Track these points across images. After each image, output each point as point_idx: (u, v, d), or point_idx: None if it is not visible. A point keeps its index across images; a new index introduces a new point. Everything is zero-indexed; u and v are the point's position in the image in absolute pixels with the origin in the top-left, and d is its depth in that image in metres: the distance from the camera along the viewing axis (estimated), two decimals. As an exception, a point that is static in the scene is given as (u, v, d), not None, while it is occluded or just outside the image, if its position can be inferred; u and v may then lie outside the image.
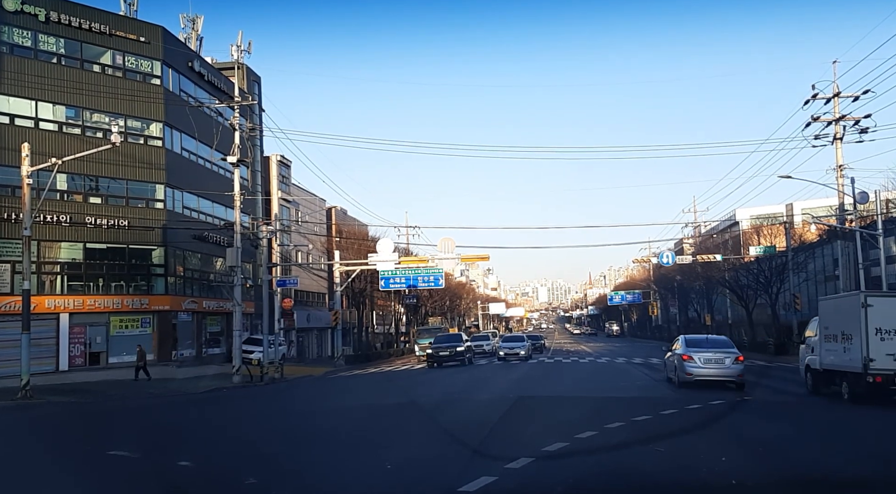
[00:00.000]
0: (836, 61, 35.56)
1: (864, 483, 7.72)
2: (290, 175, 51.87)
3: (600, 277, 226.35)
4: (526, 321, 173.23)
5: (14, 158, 25.59)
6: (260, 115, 42.16)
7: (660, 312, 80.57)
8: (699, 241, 66.48)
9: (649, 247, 72.24)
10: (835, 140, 31.51)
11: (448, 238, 42.33)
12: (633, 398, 17.20)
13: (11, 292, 29.44)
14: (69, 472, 9.17)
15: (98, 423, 15.81)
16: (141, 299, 34.39)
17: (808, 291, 45.72)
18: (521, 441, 10.05)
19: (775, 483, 7.66)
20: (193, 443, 10.86)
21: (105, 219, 32.92)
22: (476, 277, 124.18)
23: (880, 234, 30.58)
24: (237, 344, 28.38)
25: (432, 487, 7.62)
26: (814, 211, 47.01)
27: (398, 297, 59.24)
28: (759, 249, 40.81)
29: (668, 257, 45.07)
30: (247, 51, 37.11)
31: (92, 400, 21.36)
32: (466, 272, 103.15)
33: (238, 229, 29.33)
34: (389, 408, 15.94)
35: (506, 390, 19.44)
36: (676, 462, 8.56)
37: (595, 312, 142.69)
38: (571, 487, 7.40)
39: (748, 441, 10.44)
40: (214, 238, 38.25)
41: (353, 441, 11.10)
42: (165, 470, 8.88)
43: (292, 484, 7.93)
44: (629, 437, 10.47)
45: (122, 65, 34.43)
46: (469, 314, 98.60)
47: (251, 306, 39.66)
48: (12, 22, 30.95)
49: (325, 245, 53.61)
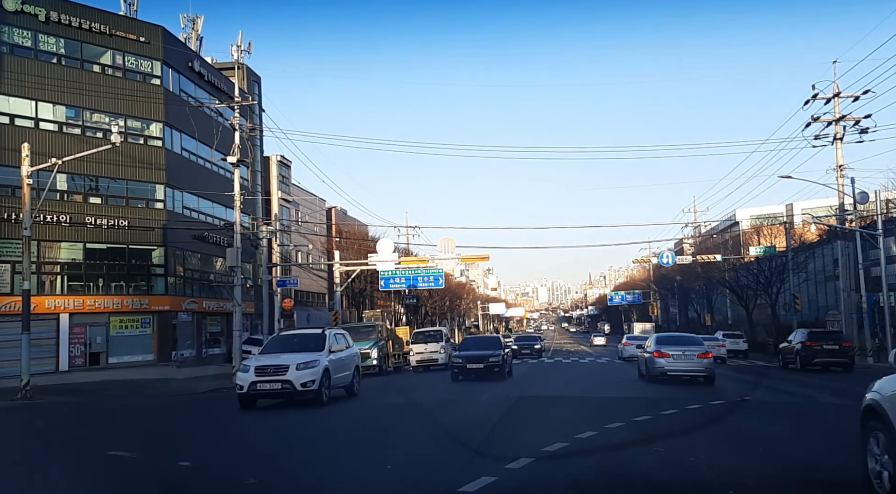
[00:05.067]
0: (836, 61, 35.60)
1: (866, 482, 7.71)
2: (290, 175, 51.91)
3: (600, 277, 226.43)
4: (526, 322, 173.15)
5: (14, 158, 25.60)
6: (260, 115, 42.18)
7: (660, 312, 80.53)
8: (699, 241, 66.51)
9: (649, 247, 72.23)
10: (835, 140, 31.53)
11: (448, 238, 42.52)
12: (633, 397, 17.19)
13: (11, 292, 29.47)
14: (69, 472, 9.16)
15: (98, 423, 15.80)
16: (141, 300, 34.41)
17: (808, 291, 45.74)
18: (522, 441, 10.04)
19: (775, 482, 7.66)
20: (193, 443, 10.86)
21: (105, 219, 32.93)
22: (476, 277, 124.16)
23: (880, 234, 30.59)
24: (237, 344, 28.37)
25: (432, 487, 7.62)
26: (814, 211, 47.05)
27: (398, 297, 59.24)
28: (759, 249, 40.82)
29: (668, 257, 45.09)
30: (247, 51, 37.15)
31: (92, 400, 21.33)
32: (466, 272, 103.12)
33: (238, 229, 29.33)
34: (389, 408, 15.93)
35: (506, 390, 19.45)
36: (676, 462, 8.56)
37: (595, 312, 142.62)
38: (571, 487, 7.39)
39: (748, 440, 10.43)
40: (214, 238, 38.26)
41: (353, 440, 11.10)
42: (165, 470, 8.87)
43: (292, 484, 7.92)
44: (629, 437, 10.46)
45: (122, 65, 34.45)
46: (469, 314, 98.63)
47: (251, 307, 39.68)
48: (12, 22, 30.98)
49: (325, 245, 53.64)
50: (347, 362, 17.96)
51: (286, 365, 15.69)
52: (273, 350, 17.01)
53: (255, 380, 15.56)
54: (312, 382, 15.65)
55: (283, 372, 15.60)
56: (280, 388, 15.64)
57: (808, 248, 44.71)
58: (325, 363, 16.18)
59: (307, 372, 15.68)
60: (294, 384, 15.50)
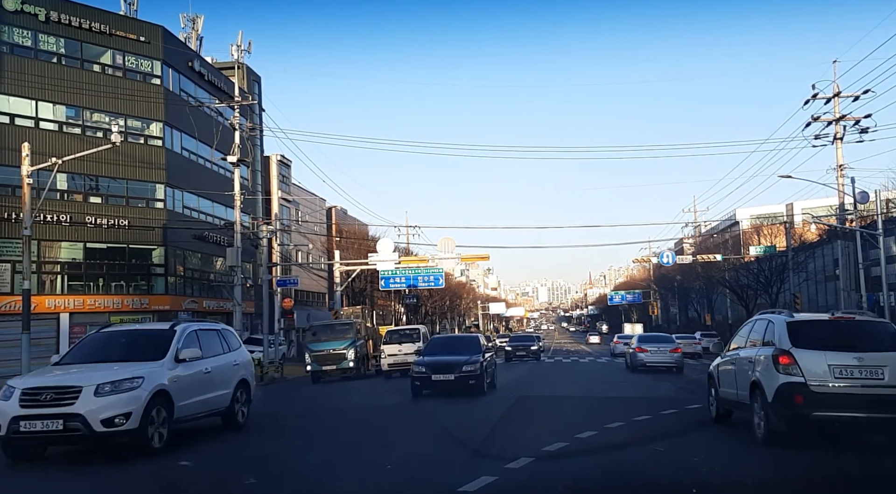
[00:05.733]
0: (836, 61, 35.73)
1: (866, 482, 7.71)
2: (290, 175, 51.90)
3: (600, 277, 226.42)
4: (526, 321, 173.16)
5: (14, 157, 25.60)
6: (260, 114, 42.17)
7: (660, 312, 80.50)
8: (699, 241, 66.49)
9: (649, 247, 72.20)
10: (835, 140, 31.49)
11: (448, 238, 42.44)
12: (633, 397, 17.20)
13: (11, 291, 29.46)
14: (68, 471, 9.17)
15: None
16: (141, 299, 34.41)
17: (808, 291, 45.73)
18: (522, 441, 10.04)
19: (775, 482, 7.66)
20: (193, 443, 10.85)
21: (105, 219, 32.93)
22: (476, 277, 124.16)
23: (880, 234, 30.57)
24: (237, 344, 28.31)
25: (432, 487, 7.62)
26: (814, 211, 47.03)
27: (398, 297, 59.25)
28: (760, 249, 40.80)
29: (668, 256, 45.06)
30: (247, 51, 37.11)
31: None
32: (466, 272, 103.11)
33: (238, 229, 29.33)
34: (389, 408, 15.93)
35: (506, 389, 19.45)
36: (676, 462, 8.56)
37: (595, 312, 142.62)
38: (572, 487, 7.40)
39: (748, 440, 10.43)
40: (214, 238, 38.26)
41: (353, 440, 11.10)
42: (165, 470, 8.87)
43: (292, 484, 7.93)
44: (629, 437, 10.47)
45: (122, 65, 34.44)
46: (469, 313, 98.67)
47: (251, 306, 39.67)
48: (12, 22, 30.96)
49: (325, 245, 53.62)
50: (219, 376, 11.64)
51: (76, 388, 9.20)
52: (77, 360, 10.56)
53: (20, 415, 9.04)
54: (125, 417, 9.19)
55: (68, 400, 9.08)
56: (62, 430, 9.00)
57: (809, 248, 44.70)
58: (157, 383, 9.82)
59: (115, 400, 9.20)
60: (88, 420, 8.98)
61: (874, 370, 8.90)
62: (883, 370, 8.87)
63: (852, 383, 8.89)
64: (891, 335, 9.57)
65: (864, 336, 9.58)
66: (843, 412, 8.81)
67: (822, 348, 9.18)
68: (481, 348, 18.45)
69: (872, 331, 9.81)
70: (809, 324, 10.11)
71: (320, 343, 27.68)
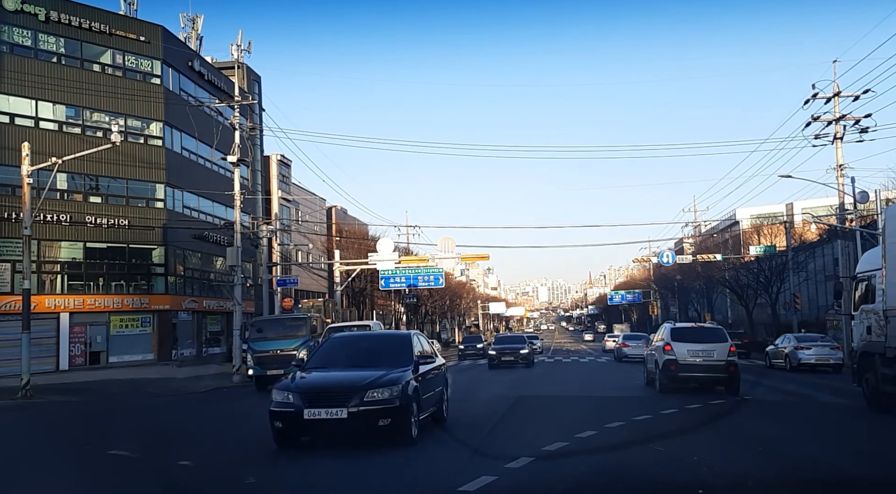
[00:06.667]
0: (836, 61, 35.82)
1: (866, 483, 7.71)
2: (290, 174, 51.89)
3: (600, 276, 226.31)
4: (526, 321, 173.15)
5: (14, 157, 25.59)
6: (260, 114, 42.16)
7: (660, 311, 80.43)
8: (699, 240, 66.43)
9: (649, 247, 72.12)
10: (835, 140, 31.48)
11: (448, 238, 42.47)
12: (633, 397, 17.22)
13: (11, 291, 29.46)
14: (69, 471, 9.17)
15: (98, 422, 15.81)
16: (141, 299, 34.41)
17: (808, 290, 45.72)
18: (522, 441, 10.04)
19: (775, 482, 7.66)
20: (193, 443, 10.86)
21: (105, 218, 32.93)
22: (476, 276, 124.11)
23: (880, 233, 30.55)
24: (237, 344, 28.37)
25: (432, 486, 7.62)
26: (814, 211, 47.03)
27: (398, 296, 59.25)
28: (760, 248, 40.80)
29: (668, 256, 45.07)
30: (247, 50, 37.06)
31: (92, 400, 21.34)
32: (466, 272, 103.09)
33: (238, 229, 29.33)
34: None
35: (506, 389, 19.46)
36: (676, 462, 8.56)
37: (595, 311, 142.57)
38: (572, 487, 7.39)
39: (748, 440, 10.44)
40: (214, 238, 38.26)
41: (352, 440, 11.08)
42: (165, 470, 8.87)
43: (292, 484, 7.93)
44: (629, 436, 10.47)
45: (122, 64, 34.43)
46: (469, 313, 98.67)
47: (251, 306, 39.67)
48: (12, 21, 30.96)
49: (325, 245, 53.60)
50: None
51: None
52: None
53: None
54: None
55: None
56: None
57: (809, 247, 44.70)
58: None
59: None
60: None
61: (709, 352, 17.32)
62: (713, 352, 17.30)
63: (697, 358, 17.32)
64: (720, 334, 18.13)
65: (707, 335, 18.11)
66: (693, 374, 17.42)
67: (686, 340, 17.67)
68: (413, 357, 10.94)
69: (712, 332, 18.53)
70: (681, 329, 18.73)
71: (266, 342, 22.97)
